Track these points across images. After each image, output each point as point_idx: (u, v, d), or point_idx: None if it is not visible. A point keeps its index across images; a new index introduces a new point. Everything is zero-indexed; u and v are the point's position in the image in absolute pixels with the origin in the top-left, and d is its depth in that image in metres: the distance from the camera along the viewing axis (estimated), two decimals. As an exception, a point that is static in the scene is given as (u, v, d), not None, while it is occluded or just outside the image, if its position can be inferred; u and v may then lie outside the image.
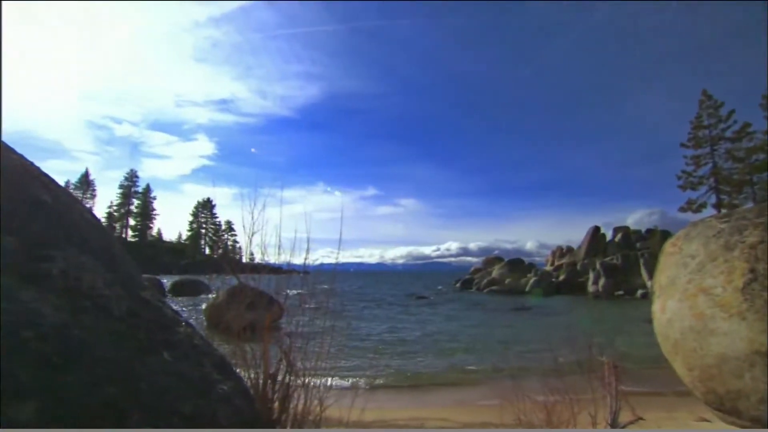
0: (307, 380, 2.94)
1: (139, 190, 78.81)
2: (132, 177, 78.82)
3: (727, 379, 3.66)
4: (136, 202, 77.99)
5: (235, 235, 62.47)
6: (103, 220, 72.20)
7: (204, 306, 11.02)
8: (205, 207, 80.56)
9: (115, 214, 75.87)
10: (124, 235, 75.11)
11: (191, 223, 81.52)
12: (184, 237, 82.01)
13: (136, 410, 0.97)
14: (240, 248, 3.98)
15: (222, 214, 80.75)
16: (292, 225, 3.40)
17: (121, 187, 77.37)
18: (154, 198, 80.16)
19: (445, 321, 17.91)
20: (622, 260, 35.07)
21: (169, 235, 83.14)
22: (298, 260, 3.45)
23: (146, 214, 78.26)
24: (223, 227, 78.61)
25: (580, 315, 21.42)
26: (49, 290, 1.10)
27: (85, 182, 74.89)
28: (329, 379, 3.12)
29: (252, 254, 3.53)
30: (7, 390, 0.79)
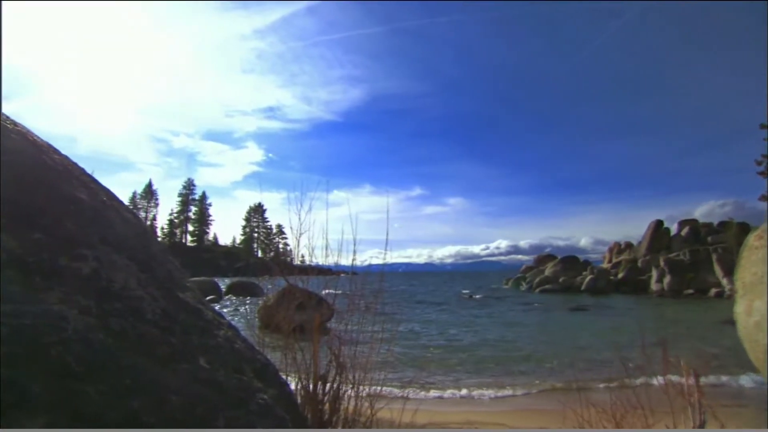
0: (357, 383, 2.88)
1: (196, 197, 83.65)
2: (189, 185, 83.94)
3: (839, 392, 3.14)
4: (193, 209, 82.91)
5: (286, 237, 64.67)
6: (165, 226, 77.32)
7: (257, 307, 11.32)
8: (257, 211, 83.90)
9: (176, 221, 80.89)
10: (183, 240, 79.95)
11: (244, 227, 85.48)
12: (237, 241, 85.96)
13: (162, 425, 0.87)
14: (291, 250, 4.06)
15: (272, 218, 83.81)
16: (340, 227, 3.37)
17: (179, 195, 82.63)
18: (210, 204, 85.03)
19: (498, 324, 17.07)
20: (690, 256, 32.34)
21: (224, 240, 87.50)
22: (346, 261, 3.42)
23: (203, 220, 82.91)
24: (274, 230, 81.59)
25: (647, 316, 19.98)
26: (77, 291, 1.03)
27: (149, 192, 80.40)
28: (378, 387, 3.04)
29: (302, 256, 3.55)
30: (14, 402, 0.70)
